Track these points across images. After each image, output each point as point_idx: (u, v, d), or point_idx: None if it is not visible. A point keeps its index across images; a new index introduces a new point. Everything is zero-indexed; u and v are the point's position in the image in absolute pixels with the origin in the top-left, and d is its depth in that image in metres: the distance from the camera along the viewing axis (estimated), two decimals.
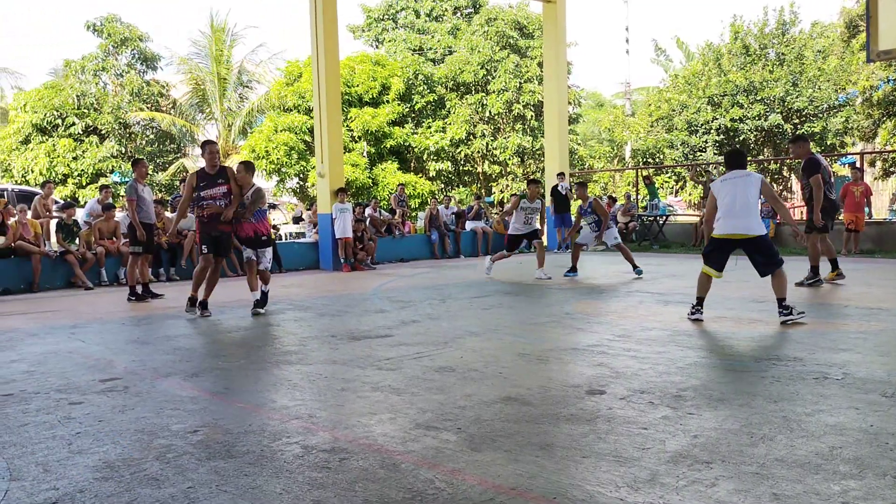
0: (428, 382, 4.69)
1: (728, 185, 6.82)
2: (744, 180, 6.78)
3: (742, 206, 6.69)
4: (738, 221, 6.68)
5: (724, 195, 6.80)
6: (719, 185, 6.92)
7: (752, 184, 6.76)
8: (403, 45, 30.73)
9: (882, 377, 4.55)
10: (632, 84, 42.90)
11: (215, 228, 8.00)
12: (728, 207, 6.74)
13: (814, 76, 24.78)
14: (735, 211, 6.70)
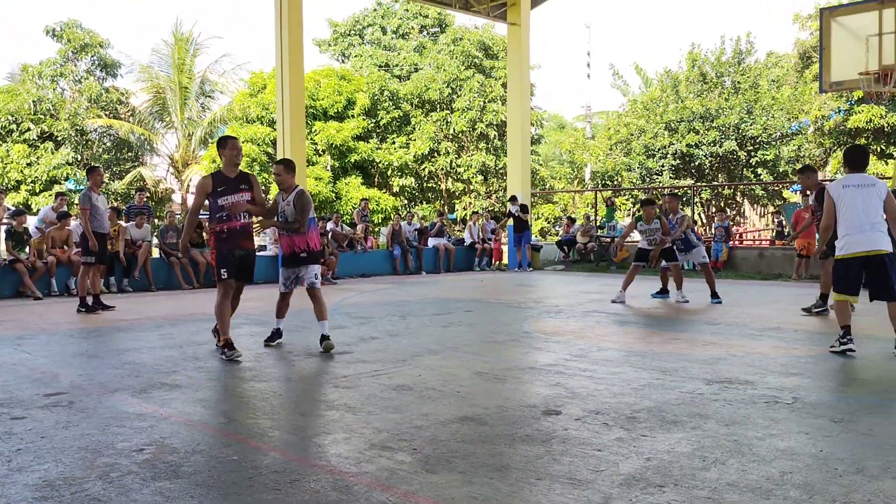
0: (385, 401, 4.65)
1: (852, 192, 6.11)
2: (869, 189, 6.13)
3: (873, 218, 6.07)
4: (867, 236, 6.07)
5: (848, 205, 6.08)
6: (840, 191, 6.18)
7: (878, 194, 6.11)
8: (370, 61, 30.79)
9: (831, 402, 4.64)
10: (592, 108, 43.64)
11: (239, 246, 6.36)
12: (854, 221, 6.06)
13: (768, 105, 25.41)
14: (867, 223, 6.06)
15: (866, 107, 21.64)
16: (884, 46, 11.94)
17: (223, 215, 6.27)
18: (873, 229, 6.06)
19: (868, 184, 6.20)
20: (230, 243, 6.32)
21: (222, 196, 6.26)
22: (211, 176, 6.45)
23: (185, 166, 28.90)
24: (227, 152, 6.41)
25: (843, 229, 6.18)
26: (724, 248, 16.37)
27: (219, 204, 6.26)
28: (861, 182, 6.20)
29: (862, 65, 12.13)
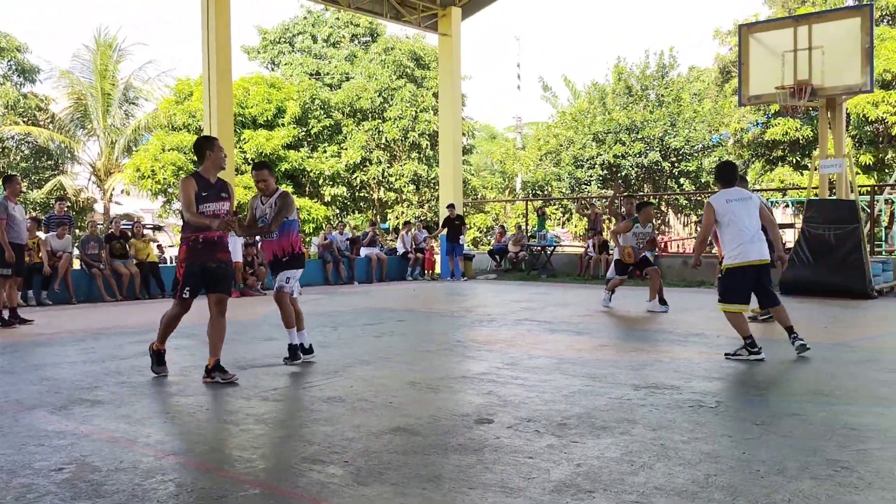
0: (315, 413, 4.59)
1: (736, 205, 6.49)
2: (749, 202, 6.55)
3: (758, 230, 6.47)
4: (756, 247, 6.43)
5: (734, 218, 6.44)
6: (724, 205, 6.51)
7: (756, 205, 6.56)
8: (300, 69, 30.49)
9: (753, 406, 4.80)
10: (523, 118, 44.26)
11: (213, 258, 5.68)
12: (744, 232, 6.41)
13: (690, 117, 26.24)
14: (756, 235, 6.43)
15: (782, 120, 22.54)
16: (798, 62, 12.49)
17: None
18: (760, 239, 6.45)
19: (746, 197, 6.62)
20: (205, 255, 5.65)
21: (204, 202, 5.61)
22: (192, 177, 5.66)
23: (108, 175, 28.01)
24: (214, 154, 5.70)
25: (735, 240, 6.47)
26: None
27: (199, 210, 5.57)
28: (740, 196, 6.59)
29: (778, 79, 12.66)
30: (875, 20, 18.51)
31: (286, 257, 6.37)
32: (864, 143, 22.71)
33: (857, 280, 11.83)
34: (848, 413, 4.53)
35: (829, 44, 12.28)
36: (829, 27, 12.42)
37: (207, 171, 5.73)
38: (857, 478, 3.33)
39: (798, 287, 12.30)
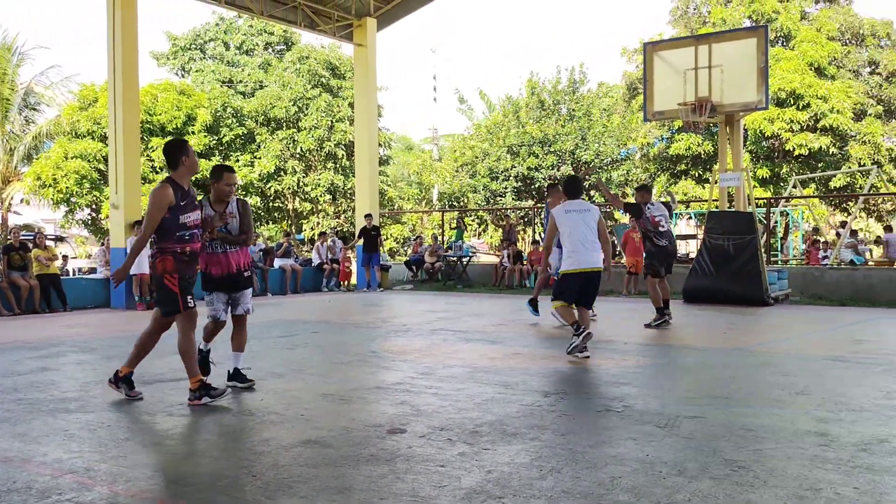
0: (223, 427, 4.48)
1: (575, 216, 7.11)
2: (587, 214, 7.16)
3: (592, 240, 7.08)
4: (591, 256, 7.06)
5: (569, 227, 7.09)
6: (564, 216, 7.16)
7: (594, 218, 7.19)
8: (212, 77, 29.86)
9: (657, 409, 4.96)
10: (439, 130, 44.61)
11: (194, 271, 5.45)
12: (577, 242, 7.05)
13: (599, 132, 27.05)
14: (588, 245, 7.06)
15: (685, 135, 23.50)
16: (699, 79, 13.06)
17: (185, 234, 5.24)
18: (594, 249, 7.12)
19: (584, 209, 7.25)
20: (190, 267, 5.33)
21: (184, 212, 5.22)
22: (170, 185, 5.19)
23: (6, 183, 26.66)
24: (190, 160, 5.30)
25: (569, 248, 7.14)
26: None
27: (180, 221, 5.20)
28: (580, 208, 7.25)
29: (681, 96, 13.20)
30: (770, 41, 19.52)
31: (247, 271, 6.02)
32: (760, 158, 23.91)
33: (755, 288, 12.41)
34: (745, 415, 4.75)
35: (728, 63, 12.89)
36: (728, 47, 13.04)
37: (182, 177, 5.30)
38: (753, 476, 3.49)
39: (699, 295, 12.82)
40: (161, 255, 5.23)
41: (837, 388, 5.54)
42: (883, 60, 25.48)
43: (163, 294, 5.29)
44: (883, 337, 8.62)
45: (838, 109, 22.50)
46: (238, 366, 5.94)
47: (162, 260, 5.22)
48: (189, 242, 5.27)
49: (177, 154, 5.29)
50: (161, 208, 5.11)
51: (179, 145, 5.37)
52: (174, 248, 5.21)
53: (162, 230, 5.18)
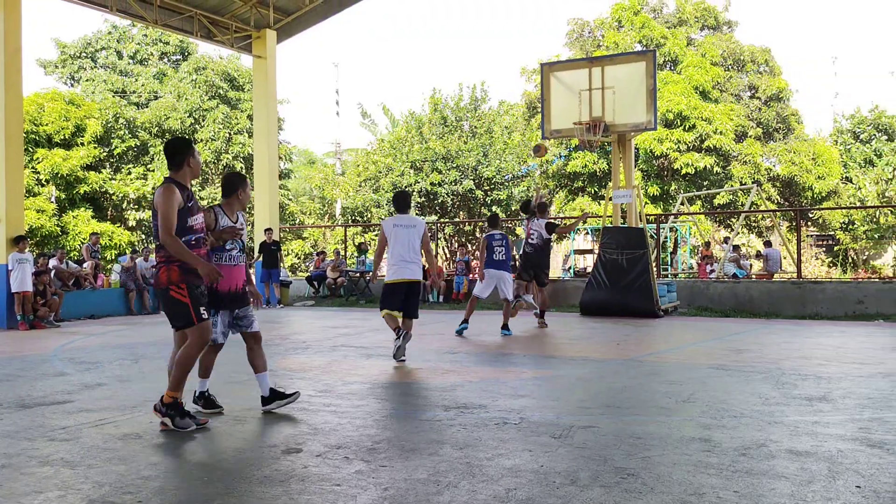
0: (109, 452, 4.28)
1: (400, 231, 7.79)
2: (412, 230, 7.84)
3: (413, 254, 7.74)
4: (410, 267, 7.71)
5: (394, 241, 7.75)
6: (391, 229, 7.80)
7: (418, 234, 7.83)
8: (104, 86, 28.70)
9: (552, 420, 5.07)
10: (342, 144, 44.28)
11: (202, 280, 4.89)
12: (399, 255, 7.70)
13: (501, 149, 27.54)
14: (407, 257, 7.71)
15: (581, 154, 24.25)
16: (593, 100, 13.52)
17: (192, 239, 4.82)
18: (414, 262, 7.77)
19: (411, 224, 7.88)
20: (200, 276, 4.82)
21: (191, 215, 4.83)
22: (174, 184, 4.78)
23: None
24: (195, 161, 4.95)
25: (392, 260, 7.78)
26: (465, 280, 17.32)
27: (187, 224, 4.78)
28: (407, 223, 7.87)
29: (576, 115, 13.63)
30: (658, 65, 20.42)
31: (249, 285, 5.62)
32: (651, 176, 24.94)
33: (646, 300, 12.91)
34: (635, 423, 4.92)
35: (620, 85, 13.41)
36: (620, 70, 13.58)
37: (185, 179, 4.92)
38: (641, 483, 3.61)
39: (595, 308, 13.23)
40: (166, 265, 4.76)
41: (720, 396, 5.81)
42: (762, 85, 27.11)
43: (172, 307, 4.83)
44: (762, 346, 9.12)
45: (721, 131, 23.77)
46: (272, 386, 5.53)
47: (167, 270, 4.75)
48: (196, 248, 4.84)
49: (182, 155, 4.90)
50: (174, 207, 4.68)
51: (186, 145, 4.98)
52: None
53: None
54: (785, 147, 26.14)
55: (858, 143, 32.85)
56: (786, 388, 6.06)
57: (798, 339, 9.73)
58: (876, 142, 32.27)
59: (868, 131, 32.93)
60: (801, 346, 8.96)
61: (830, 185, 25.80)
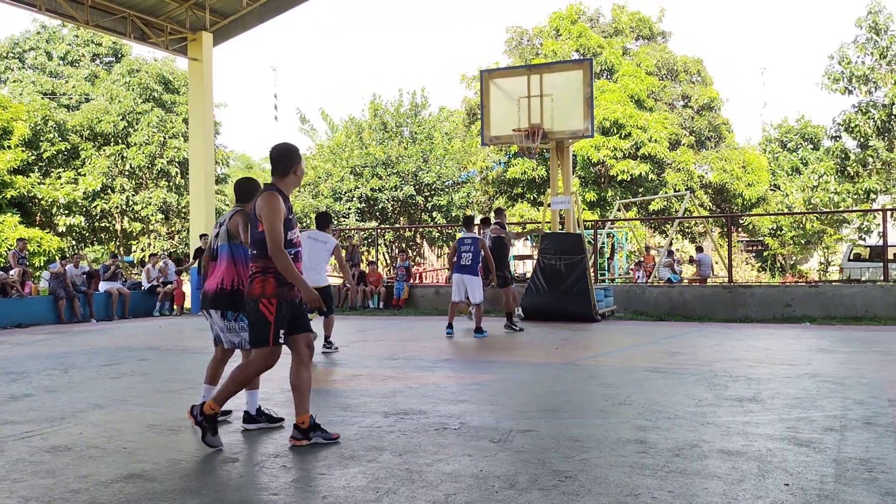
0: (35, 465, 4.13)
1: (312, 243, 8.73)
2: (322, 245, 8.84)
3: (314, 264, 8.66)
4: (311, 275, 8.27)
5: (306, 251, 8.37)
6: (305, 240, 8.47)
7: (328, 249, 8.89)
8: (32, 88, 27.77)
9: (492, 424, 5.09)
10: None
11: (294, 296, 4.54)
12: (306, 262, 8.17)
13: (441, 155, 27.66)
14: (311, 266, 8.53)
15: (520, 160, 24.52)
16: (532, 107, 13.69)
17: (291, 252, 4.49)
18: (320, 270, 8.84)
19: (323, 240, 8.92)
20: (292, 293, 4.50)
21: (290, 229, 4.52)
22: (279, 194, 4.48)
23: None
24: (301, 170, 4.67)
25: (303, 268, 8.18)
26: (405, 286, 17.29)
27: (287, 237, 4.47)
28: (320, 238, 8.93)
29: (515, 122, 13.77)
30: (595, 74, 20.81)
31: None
32: (588, 183, 25.37)
33: (584, 305, 13.11)
34: (573, 426, 4.98)
35: (557, 92, 13.61)
36: (557, 77, 13.78)
37: (288, 187, 4.60)
38: (579, 486, 3.66)
39: (535, 312, 13.37)
40: (262, 275, 4.44)
41: (655, 398, 5.94)
42: (694, 95, 27.89)
43: (254, 319, 4.47)
44: (695, 349, 9.36)
45: (656, 139, 24.35)
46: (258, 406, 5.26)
47: (263, 281, 4.43)
48: (295, 262, 4.50)
49: (290, 161, 4.59)
50: (281, 217, 4.38)
51: (294, 152, 4.65)
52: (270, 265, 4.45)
53: (265, 246, 4.40)
54: (716, 155, 26.93)
55: (786, 151, 34.12)
56: (718, 390, 6.23)
57: (729, 342, 10.02)
58: (802, 150, 33.57)
59: (795, 140, 34.25)
60: (733, 349, 9.23)
61: (759, 192, 26.69)
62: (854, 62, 22.79)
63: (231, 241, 5.06)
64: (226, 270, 5.04)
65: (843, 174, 24.70)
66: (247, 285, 4.55)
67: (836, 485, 3.62)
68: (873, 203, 24.98)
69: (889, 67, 22.43)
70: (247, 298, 4.52)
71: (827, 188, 25.17)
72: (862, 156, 24.06)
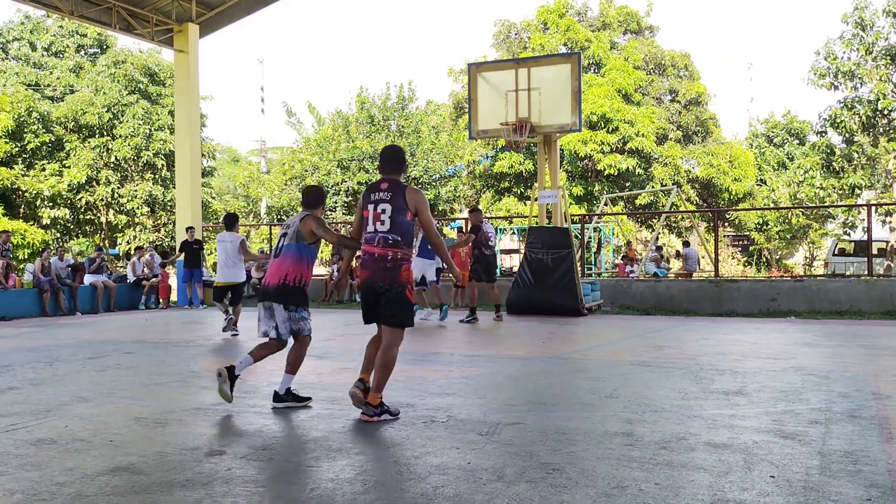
0: (20, 458, 4.10)
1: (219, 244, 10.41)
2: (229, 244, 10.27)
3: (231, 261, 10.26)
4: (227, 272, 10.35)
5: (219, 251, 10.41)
6: (219, 243, 10.42)
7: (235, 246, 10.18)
8: (16, 79, 27.48)
9: (479, 417, 5.10)
10: (267, 142, 43.55)
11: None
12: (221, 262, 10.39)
13: (428, 149, 27.60)
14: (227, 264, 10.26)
15: (508, 154, 24.52)
16: (520, 101, 13.67)
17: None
18: (233, 266, 10.37)
19: (230, 240, 10.31)
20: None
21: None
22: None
23: None
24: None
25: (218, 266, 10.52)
26: None
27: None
28: (225, 239, 10.39)
29: (502, 116, 13.75)
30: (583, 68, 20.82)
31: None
32: (575, 177, 25.42)
33: (571, 299, 13.14)
34: (560, 419, 5.00)
35: (545, 86, 13.59)
36: (545, 71, 13.77)
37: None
38: (566, 478, 3.67)
39: (521, 306, 13.39)
40: (406, 263, 4.98)
41: (642, 391, 5.97)
42: (681, 89, 27.99)
43: (403, 305, 4.96)
44: (681, 343, 9.41)
45: (643, 133, 24.42)
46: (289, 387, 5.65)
47: (408, 269, 4.99)
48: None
49: (404, 162, 5.27)
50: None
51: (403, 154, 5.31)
52: (408, 253, 5.04)
53: (410, 236, 5.01)
54: (703, 150, 27.05)
55: (772, 146, 34.30)
56: (704, 383, 6.27)
57: (715, 336, 10.08)
58: (788, 145, 33.76)
59: (781, 135, 34.44)
60: (719, 343, 9.29)
61: (746, 187, 26.84)
62: (840, 58, 22.92)
63: (299, 242, 5.43)
64: (291, 268, 5.39)
65: (828, 169, 24.87)
66: (388, 272, 4.92)
67: (821, 477, 3.66)
68: (858, 198, 25.17)
69: (874, 63, 22.58)
70: (391, 285, 4.92)
71: (812, 183, 25.33)
72: (847, 151, 24.22)
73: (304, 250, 5.42)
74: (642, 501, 3.32)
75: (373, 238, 4.96)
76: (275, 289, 5.39)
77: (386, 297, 4.92)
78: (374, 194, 5.03)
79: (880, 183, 25.44)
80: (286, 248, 5.45)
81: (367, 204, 5.04)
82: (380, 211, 4.95)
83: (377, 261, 4.92)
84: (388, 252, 4.91)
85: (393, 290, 4.90)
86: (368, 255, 4.99)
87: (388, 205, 4.93)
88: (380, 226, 4.95)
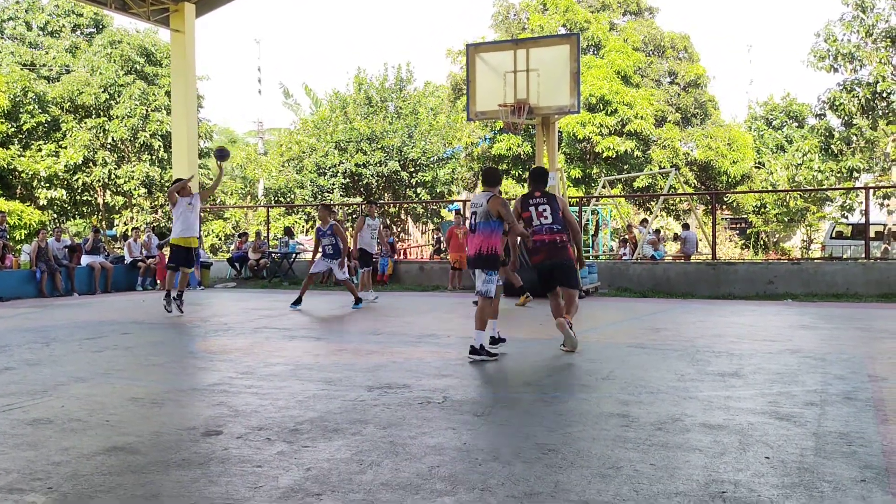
0: (16, 438, 4.10)
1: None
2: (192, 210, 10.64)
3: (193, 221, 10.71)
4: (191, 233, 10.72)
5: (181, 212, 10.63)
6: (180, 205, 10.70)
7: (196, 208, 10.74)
8: (11, 59, 27.24)
9: (475, 398, 5.11)
10: (264, 124, 43.38)
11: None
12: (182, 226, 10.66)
13: (426, 130, 27.50)
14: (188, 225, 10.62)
15: (506, 136, 24.44)
16: (518, 82, 13.57)
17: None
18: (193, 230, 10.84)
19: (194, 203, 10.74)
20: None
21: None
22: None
23: None
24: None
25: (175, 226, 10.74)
26: (389, 262, 17.26)
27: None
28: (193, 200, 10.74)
29: (501, 97, 13.65)
30: (582, 49, 20.69)
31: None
32: (574, 159, 25.37)
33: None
34: (557, 400, 5.01)
35: (544, 67, 13.49)
36: (544, 52, 13.66)
37: None
38: (562, 458, 3.68)
39: (518, 288, 13.36)
40: (570, 244, 7.05)
41: (638, 373, 5.98)
42: (681, 71, 27.86)
43: (573, 273, 7.11)
44: (678, 325, 9.42)
45: (642, 115, 24.34)
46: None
47: (572, 248, 7.11)
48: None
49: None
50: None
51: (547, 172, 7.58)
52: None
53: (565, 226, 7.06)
54: (702, 132, 26.98)
55: (771, 129, 34.22)
56: (700, 365, 6.28)
57: (712, 318, 10.09)
58: (787, 128, 33.69)
59: (780, 118, 34.35)
60: (715, 325, 9.30)
61: (744, 169, 26.80)
62: (840, 40, 22.81)
63: (488, 220, 6.67)
64: (482, 241, 6.70)
65: (827, 152, 24.83)
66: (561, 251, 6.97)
67: (816, 458, 3.67)
68: (856, 181, 25.15)
69: (874, 46, 22.47)
70: (566, 259, 7.00)
71: (811, 166, 25.30)
72: (846, 134, 24.17)
73: (492, 226, 6.69)
74: (637, 482, 3.33)
75: (540, 229, 6.95)
76: (474, 258, 6.77)
77: (561, 269, 6.95)
78: (532, 200, 7.08)
79: (878, 166, 25.40)
80: (479, 226, 6.72)
81: (528, 207, 7.04)
82: (541, 210, 6.96)
83: (549, 244, 6.92)
84: (557, 237, 6.93)
85: (568, 263, 6.97)
86: (540, 241, 6.94)
87: (546, 206, 7.00)
88: (544, 220, 6.95)
